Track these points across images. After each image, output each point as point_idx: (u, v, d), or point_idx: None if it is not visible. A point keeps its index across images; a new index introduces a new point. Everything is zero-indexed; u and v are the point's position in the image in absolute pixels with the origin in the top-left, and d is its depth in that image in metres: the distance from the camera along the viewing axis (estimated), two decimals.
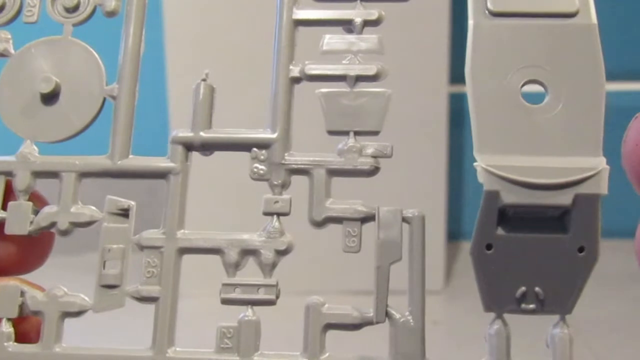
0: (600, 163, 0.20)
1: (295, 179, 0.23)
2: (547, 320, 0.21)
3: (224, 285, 0.22)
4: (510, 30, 0.21)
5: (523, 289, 0.21)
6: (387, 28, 0.24)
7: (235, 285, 0.22)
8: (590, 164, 0.20)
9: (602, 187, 0.20)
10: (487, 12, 0.21)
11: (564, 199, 0.20)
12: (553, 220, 0.20)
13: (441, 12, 0.92)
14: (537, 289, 0.21)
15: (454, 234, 1.04)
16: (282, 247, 0.22)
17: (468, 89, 0.21)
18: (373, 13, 0.23)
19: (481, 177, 0.20)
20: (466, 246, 1.07)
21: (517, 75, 0.21)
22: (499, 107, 0.21)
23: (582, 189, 0.20)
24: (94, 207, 0.23)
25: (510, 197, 0.20)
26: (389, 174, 0.23)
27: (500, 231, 0.20)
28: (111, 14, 0.24)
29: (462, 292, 0.91)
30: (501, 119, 0.21)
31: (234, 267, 0.22)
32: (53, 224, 0.23)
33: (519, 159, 0.20)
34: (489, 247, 0.20)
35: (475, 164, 0.20)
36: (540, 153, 0.20)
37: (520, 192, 0.20)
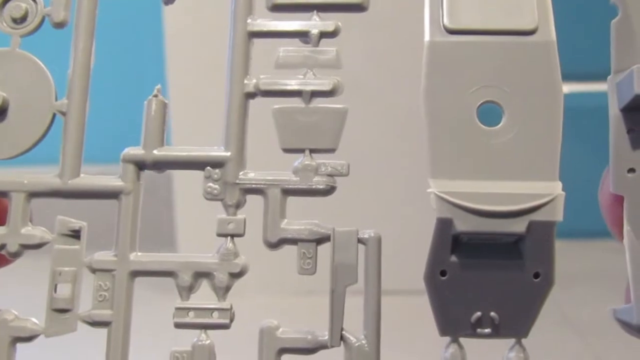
0: (556, 188, 0.20)
1: None
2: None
3: (177, 309, 0.22)
4: (466, 49, 0.21)
5: (478, 314, 0.20)
6: (385, 24, 0.23)
7: (189, 309, 0.22)
8: (545, 190, 0.20)
9: (557, 213, 0.19)
10: (443, 28, 0.21)
11: (518, 226, 0.19)
12: (508, 245, 0.20)
13: None
14: (492, 313, 0.20)
15: None
16: (236, 270, 0.22)
17: (423, 110, 0.20)
18: (329, 24, 0.23)
19: (433, 204, 0.20)
20: None
21: (473, 96, 0.20)
22: (454, 130, 0.20)
23: (537, 216, 0.19)
24: (44, 228, 0.22)
25: (464, 224, 0.19)
26: (389, 173, 0.23)
27: (454, 257, 0.20)
28: (60, 25, 0.23)
29: None
30: (456, 142, 0.20)
31: (187, 290, 0.22)
32: (3, 246, 0.22)
33: (472, 185, 0.20)
34: (442, 273, 0.20)
35: (428, 190, 0.20)
36: (495, 178, 0.20)
37: (473, 219, 0.19)
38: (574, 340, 0.74)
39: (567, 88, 0.22)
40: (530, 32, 0.21)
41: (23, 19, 0.24)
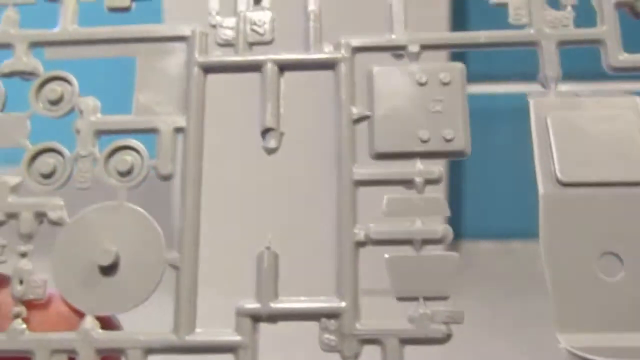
0: None
1: None
2: None
3: None
4: (582, 201, 0.21)
5: None
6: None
7: None
8: None
9: None
10: (556, 181, 0.21)
11: None
12: None
13: (441, 13, 0.91)
14: None
15: (454, 234, 1.02)
16: None
17: (544, 263, 0.21)
18: (434, 172, 0.23)
19: None
20: (466, 246, 1.06)
21: (592, 249, 0.21)
22: (576, 282, 0.21)
23: None
24: None
25: None
26: None
27: None
28: (166, 177, 0.24)
29: (462, 292, 0.90)
30: (579, 295, 0.21)
31: None
32: None
33: (601, 338, 0.20)
34: None
35: (560, 345, 0.20)
36: (623, 329, 0.20)
37: None
38: None
39: (576, 87, 0.23)
40: None
41: (129, 172, 0.24)
